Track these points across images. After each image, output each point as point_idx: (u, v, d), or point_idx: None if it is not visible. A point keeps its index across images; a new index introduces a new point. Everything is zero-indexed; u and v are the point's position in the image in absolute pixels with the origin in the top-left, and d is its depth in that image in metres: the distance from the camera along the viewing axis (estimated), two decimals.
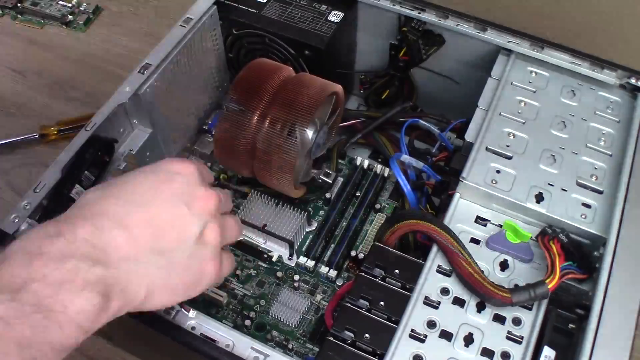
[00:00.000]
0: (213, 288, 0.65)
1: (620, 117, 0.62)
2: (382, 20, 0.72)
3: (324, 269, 0.67)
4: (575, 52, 0.65)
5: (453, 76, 0.74)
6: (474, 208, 0.57)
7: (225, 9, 0.72)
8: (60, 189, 0.56)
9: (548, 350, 0.48)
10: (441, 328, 0.50)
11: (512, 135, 0.60)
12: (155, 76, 0.63)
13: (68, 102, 0.92)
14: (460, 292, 0.52)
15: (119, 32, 1.02)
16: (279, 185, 0.66)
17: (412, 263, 0.54)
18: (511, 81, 0.64)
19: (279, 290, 0.67)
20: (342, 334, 0.51)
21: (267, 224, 0.69)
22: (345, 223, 0.71)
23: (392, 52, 0.75)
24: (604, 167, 0.58)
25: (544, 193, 0.56)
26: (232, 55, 0.76)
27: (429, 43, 0.71)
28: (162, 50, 0.65)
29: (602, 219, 0.54)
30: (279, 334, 0.64)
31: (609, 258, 0.51)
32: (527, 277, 0.53)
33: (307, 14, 0.72)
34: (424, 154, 0.73)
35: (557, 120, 0.61)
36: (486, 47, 0.68)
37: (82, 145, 0.58)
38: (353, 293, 0.53)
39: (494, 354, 0.49)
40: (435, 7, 0.68)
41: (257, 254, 0.70)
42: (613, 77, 0.63)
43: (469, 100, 0.65)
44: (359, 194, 0.73)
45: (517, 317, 0.50)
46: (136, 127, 0.66)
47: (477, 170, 0.57)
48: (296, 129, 0.62)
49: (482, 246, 0.55)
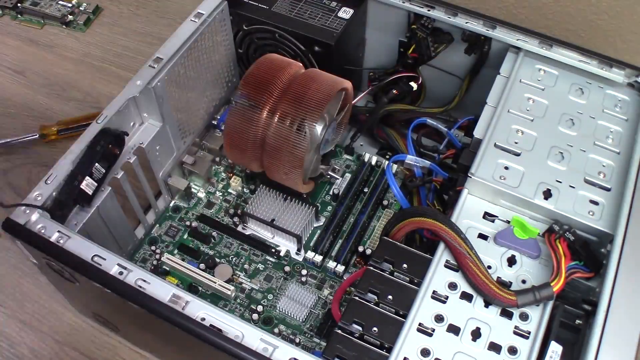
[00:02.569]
0: (221, 282, 0.65)
1: (628, 116, 0.62)
2: (392, 17, 0.73)
3: (331, 264, 0.67)
4: (584, 50, 0.65)
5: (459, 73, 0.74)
6: (482, 204, 0.58)
7: (236, 4, 0.72)
8: (71, 180, 0.57)
9: (555, 346, 0.48)
10: (449, 322, 0.50)
11: (521, 132, 0.60)
12: (166, 70, 0.64)
13: (68, 102, 0.92)
14: (468, 287, 0.52)
15: (119, 32, 1.02)
16: (288, 180, 0.67)
17: (421, 257, 0.54)
18: (520, 79, 0.65)
19: (286, 284, 0.68)
20: (350, 327, 0.51)
21: (275, 219, 0.70)
22: (353, 219, 0.71)
23: (401, 49, 0.76)
24: (611, 164, 0.58)
25: (552, 190, 0.56)
26: (242, 50, 0.77)
27: (438, 40, 0.71)
28: (173, 45, 0.65)
29: (609, 215, 0.55)
30: (286, 328, 0.65)
31: (616, 255, 0.51)
32: (534, 273, 0.53)
33: (317, 11, 0.73)
34: (431, 151, 0.73)
35: (566, 118, 0.62)
36: (495, 44, 0.68)
37: (93, 137, 0.59)
38: (361, 286, 0.53)
39: (501, 348, 0.49)
40: (444, 4, 0.69)
41: (265, 248, 0.70)
42: (621, 75, 0.64)
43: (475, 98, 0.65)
44: (367, 190, 0.73)
45: (524, 312, 0.51)
46: (146, 120, 0.66)
47: (486, 166, 0.58)
48: (305, 124, 0.62)
49: (490, 242, 0.55)
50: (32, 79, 0.96)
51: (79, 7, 1.05)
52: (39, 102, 0.92)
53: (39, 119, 0.90)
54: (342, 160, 0.77)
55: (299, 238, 0.68)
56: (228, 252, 0.70)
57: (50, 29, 1.03)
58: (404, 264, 0.54)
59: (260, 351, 0.47)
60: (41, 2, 1.05)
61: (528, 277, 0.53)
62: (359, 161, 0.77)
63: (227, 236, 0.72)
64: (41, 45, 1.00)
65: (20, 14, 1.04)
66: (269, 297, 0.67)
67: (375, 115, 0.75)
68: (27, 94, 0.94)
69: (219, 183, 0.76)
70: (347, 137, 0.79)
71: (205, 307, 0.49)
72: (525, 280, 0.53)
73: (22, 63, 0.98)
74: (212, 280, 0.66)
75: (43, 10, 1.03)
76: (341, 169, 0.76)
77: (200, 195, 0.75)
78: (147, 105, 0.64)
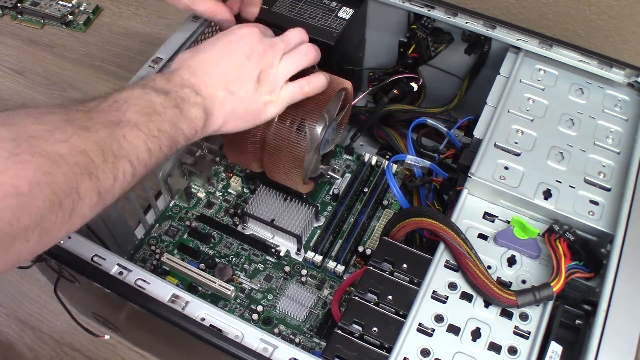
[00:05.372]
0: (221, 282, 0.65)
1: (628, 116, 0.62)
2: (392, 17, 0.73)
3: (331, 264, 0.67)
4: (584, 50, 0.65)
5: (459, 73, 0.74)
6: (482, 204, 0.58)
7: None
8: None
9: (555, 346, 0.48)
10: (449, 322, 0.50)
11: (521, 132, 0.60)
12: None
13: (68, 102, 0.92)
14: (468, 287, 0.52)
15: (119, 32, 1.03)
16: (288, 181, 0.67)
17: (421, 258, 0.54)
18: (520, 79, 0.65)
19: (286, 284, 0.68)
20: (350, 327, 0.51)
21: (275, 219, 0.70)
22: (353, 219, 0.71)
23: (401, 50, 0.76)
24: (611, 164, 0.58)
25: (552, 190, 0.56)
26: None
27: (438, 40, 0.71)
28: (172, 45, 0.65)
29: (609, 215, 0.55)
30: (285, 328, 0.65)
31: (616, 255, 0.51)
32: (534, 273, 0.53)
33: (317, 10, 0.73)
34: (431, 151, 0.73)
35: (566, 118, 0.62)
36: (495, 44, 0.68)
37: None
38: (361, 286, 0.53)
39: (501, 348, 0.49)
40: (444, 4, 0.69)
41: (265, 248, 0.70)
42: (621, 75, 0.64)
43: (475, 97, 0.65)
44: (367, 190, 0.73)
45: (524, 312, 0.51)
46: None
47: (486, 166, 0.58)
48: (305, 124, 0.62)
49: (490, 242, 0.55)
50: (32, 79, 0.96)
51: (79, 7, 1.05)
52: (39, 102, 0.93)
53: None
54: (342, 160, 0.77)
55: (299, 238, 0.68)
56: (228, 252, 0.70)
57: (50, 29, 1.03)
58: (404, 264, 0.54)
59: (260, 351, 0.47)
60: (41, 2, 1.05)
61: (528, 277, 0.53)
62: (359, 161, 0.77)
63: (227, 236, 0.72)
64: (41, 45, 1.00)
65: (20, 14, 1.04)
66: (269, 297, 0.67)
67: (375, 115, 0.75)
68: (27, 94, 0.94)
69: (219, 183, 0.76)
70: (347, 137, 0.79)
71: (205, 307, 0.49)
72: (525, 280, 0.53)
73: (22, 63, 0.98)
74: (212, 280, 0.66)
75: (43, 10, 1.03)
76: (341, 169, 0.76)
77: (200, 195, 0.75)
78: None
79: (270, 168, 0.67)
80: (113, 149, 0.44)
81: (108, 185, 0.43)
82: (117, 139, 0.44)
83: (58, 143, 0.41)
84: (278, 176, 0.67)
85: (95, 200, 0.43)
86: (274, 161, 0.65)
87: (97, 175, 0.42)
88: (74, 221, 0.42)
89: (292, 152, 0.63)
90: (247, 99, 0.56)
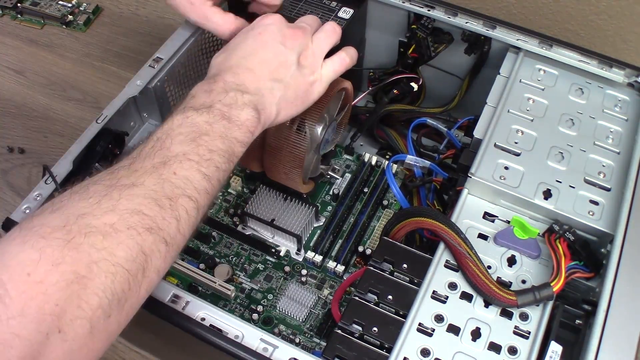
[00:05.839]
0: (221, 282, 0.65)
1: (628, 116, 0.62)
2: (392, 17, 0.73)
3: (331, 264, 0.67)
4: (584, 50, 0.65)
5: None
6: (482, 204, 0.58)
7: (236, 3, 0.72)
8: (71, 180, 0.57)
9: (555, 346, 0.48)
10: (449, 322, 0.50)
11: (521, 132, 0.60)
12: (166, 70, 0.64)
13: (68, 102, 0.92)
14: (468, 287, 0.52)
15: (119, 32, 1.02)
16: (288, 180, 0.67)
17: (421, 257, 0.54)
18: (520, 79, 0.65)
19: (286, 284, 0.68)
20: (350, 327, 0.51)
21: (275, 219, 0.70)
22: (353, 219, 0.71)
23: (401, 49, 0.76)
24: (611, 164, 0.58)
25: (552, 190, 0.56)
26: None
27: (438, 40, 0.71)
28: (173, 45, 0.65)
29: (609, 215, 0.55)
30: (285, 328, 0.65)
31: (616, 255, 0.51)
32: (534, 273, 0.53)
33: (317, 11, 0.73)
34: (431, 151, 0.73)
35: (566, 118, 0.62)
36: (495, 44, 0.68)
37: (93, 137, 0.59)
38: (361, 286, 0.53)
39: (500, 348, 0.49)
40: (444, 4, 0.69)
41: (265, 248, 0.70)
42: (621, 75, 0.64)
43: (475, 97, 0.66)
44: (367, 190, 0.73)
45: (524, 312, 0.51)
46: (146, 120, 0.66)
47: (486, 166, 0.58)
48: (305, 124, 0.62)
49: (490, 242, 0.55)
50: (32, 79, 0.96)
51: (79, 7, 1.05)
52: (39, 102, 0.92)
53: (38, 119, 0.90)
54: (342, 160, 0.77)
55: (299, 238, 0.68)
56: (228, 252, 0.70)
57: (50, 29, 1.03)
58: (404, 264, 0.54)
59: (260, 351, 0.47)
60: (41, 2, 1.05)
61: (528, 277, 0.53)
62: (359, 161, 0.77)
63: (227, 236, 0.71)
64: (41, 45, 1.00)
65: (20, 14, 1.04)
66: (269, 297, 0.67)
67: (375, 115, 0.75)
68: (27, 94, 0.94)
69: None
70: (347, 137, 0.79)
71: (205, 307, 0.50)
72: (525, 280, 0.53)
73: (22, 63, 0.98)
74: (212, 280, 0.65)
75: (43, 10, 1.03)
76: (341, 169, 0.76)
77: None
78: (147, 105, 0.65)
79: (270, 168, 0.67)
80: (166, 193, 0.43)
81: (172, 230, 0.43)
82: (167, 180, 0.44)
83: (106, 214, 0.40)
84: (278, 176, 0.67)
85: (164, 249, 0.42)
86: (274, 161, 0.65)
87: (158, 226, 0.42)
88: (150, 277, 0.42)
89: (292, 152, 0.63)
90: (294, 83, 0.56)
